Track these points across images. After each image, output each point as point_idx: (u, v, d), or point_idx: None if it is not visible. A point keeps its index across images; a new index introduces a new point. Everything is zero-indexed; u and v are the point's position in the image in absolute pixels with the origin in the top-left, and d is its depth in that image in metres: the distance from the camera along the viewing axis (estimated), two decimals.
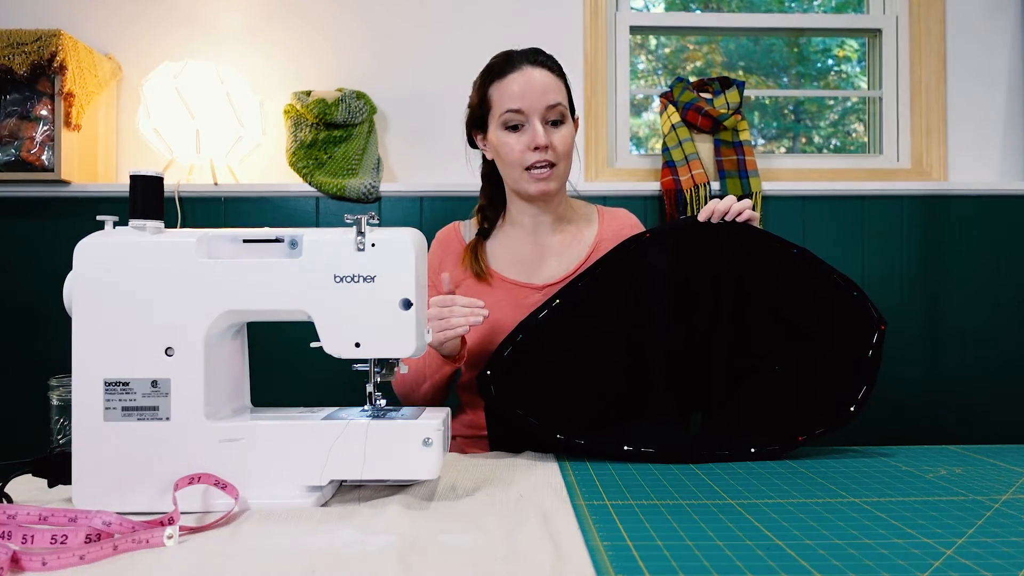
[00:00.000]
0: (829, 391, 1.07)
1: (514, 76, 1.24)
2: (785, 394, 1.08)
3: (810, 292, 1.10)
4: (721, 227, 1.12)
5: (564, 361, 1.09)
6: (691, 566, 0.62)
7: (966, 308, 2.11)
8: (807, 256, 1.10)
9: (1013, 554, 0.65)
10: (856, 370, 1.07)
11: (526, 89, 1.23)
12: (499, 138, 1.26)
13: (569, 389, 1.08)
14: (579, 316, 1.10)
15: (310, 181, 2.01)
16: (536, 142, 1.23)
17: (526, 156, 1.24)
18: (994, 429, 2.09)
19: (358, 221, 0.82)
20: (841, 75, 2.52)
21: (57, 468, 0.83)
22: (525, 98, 1.23)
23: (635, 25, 2.27)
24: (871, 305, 1.08)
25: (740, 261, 1.11)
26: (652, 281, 1.11)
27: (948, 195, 2.11)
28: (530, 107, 1.23)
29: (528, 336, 1.08)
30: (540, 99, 1.23)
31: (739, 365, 1.11)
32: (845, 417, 1.05)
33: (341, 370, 0.95)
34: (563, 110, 1.27)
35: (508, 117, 1.24)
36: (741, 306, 1.11)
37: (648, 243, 1.12)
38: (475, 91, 1.32)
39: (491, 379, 1.05)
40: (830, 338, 1.09)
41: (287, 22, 2.17)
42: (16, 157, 1.93)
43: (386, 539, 0.70)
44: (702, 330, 1.12)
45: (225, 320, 0.83)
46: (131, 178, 0.83)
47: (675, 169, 2.05)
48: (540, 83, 1.24)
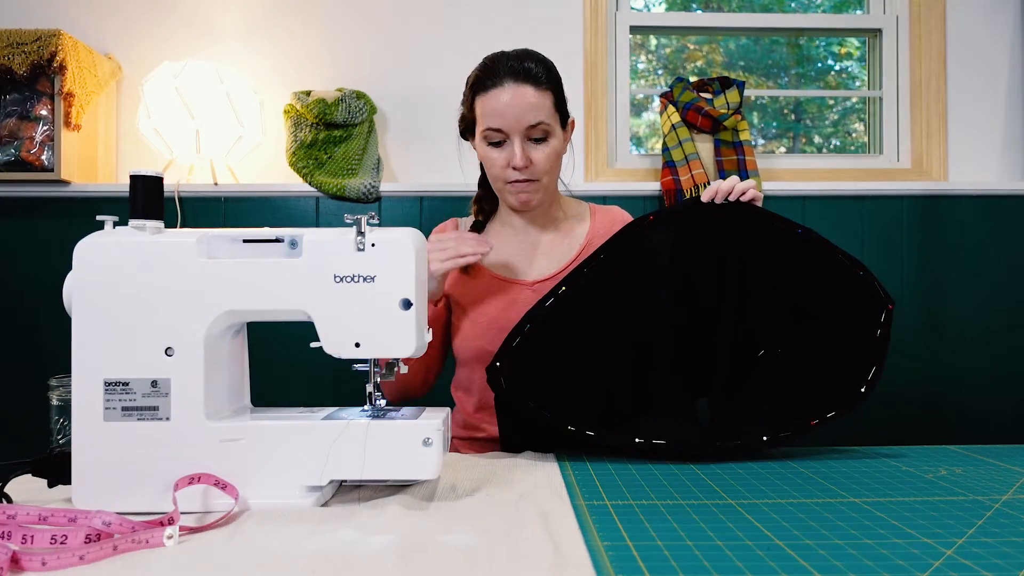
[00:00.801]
0: (839, 372, 1.05)
1: (495, 92, 1.20)
2: (795, 377, 1.07)
3: (816, 272, 1.08)
4: (725, 207, 1.09)
5: (572, 350, 1.08)
6: (691, 566, 0.62)
7: (966, 308, 2.11)
8: (812, 236, 1.08)
9: (1013, 554, 0.65)
10: (865, 350, 1.05)
11: (507, 108, 1.20)
12: (482, 150, 1.26)
13: (578, 379, 1.07)
14: (585, 303, 1.09)
15: (310, 181, 2.01)
16: (514, 163, 1.21)
17: (507, 172, 1.24)
18: (994, 429, 2.09)
19: (358, 221, 0.82)
20: (843, 74, 2.52)
21: (57, 468, 0.82)
22: (505, 117, 1.20)
23: (635, 25, 2.27)
24: (878, 284, 1.06)
25: (745, 242, 1.09)
26: (657, 264, 1.10)
27: (948, 195, 2.11)
28: (510, 127, 1.20)
29: (536, 326, 1.06)
30: (521, 119, 1.20)
31: (746, 348, 1.10)
32: (856, 399, 1.03)
33: (341, 370, 0.95)
34: (546, 127, 1.23)
35: (489, 134, 1.22)
36: (747, 287, 1.09)
37: (651, 225, 1.10)
38: (464, 98, 1.30)
39: (501, 371, 1.03)
40: (838, 319, 1.07)
41: (287, 22, 2.17)
42: (16, 157, 1.93)
43: (386, 539, 0.70)
44: (708, 313, 1.10)
45: (225, 320, 0.83)
46: (131, 178, 0.83)
47: (675, 169, 2.05)
48: (522, 102, 1.20)
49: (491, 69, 1.23)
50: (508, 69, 1.21)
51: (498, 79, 1.21)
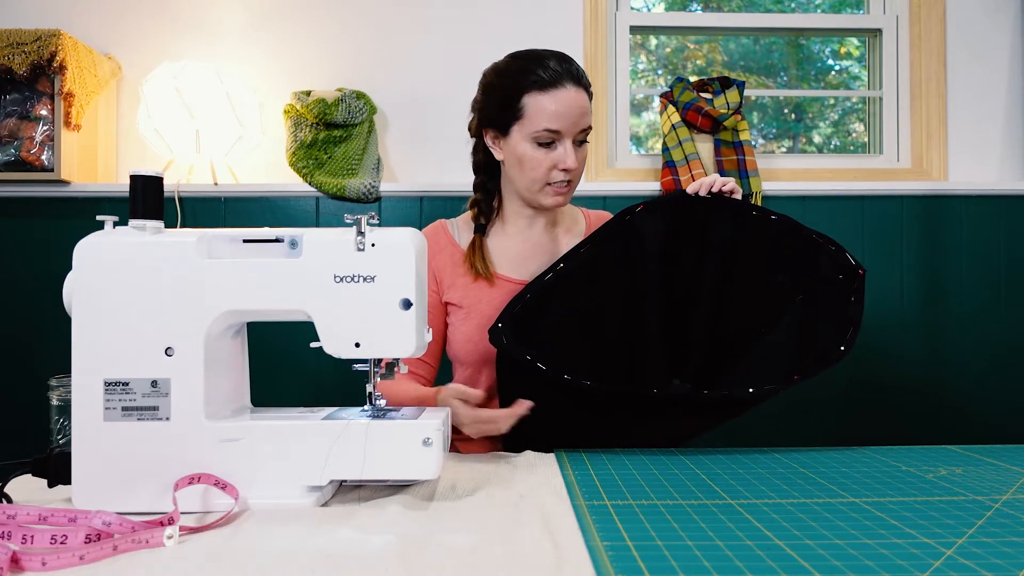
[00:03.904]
0: (822, 337, 1.14)
1: (557, 94, 1.20)
2: (780, 347, 1.16)
3: (793, 250, 1.18)
4: (710, 198, 1.20)
5: (568, 319, 1.18)
6: (691, 566, 0.62)
7: (965, 308, 2.11)
8: (786, 220, 1.19)
9: (1013, 554, 0.65)
10: (844, 314, 1.14)
11: (567, 111, 1.20)
12: (525, 150, 1.23)
13: (573, 343, 1.17)
14: (583, 278, 1.19)
15: (310, 181, 2.01)
16: (566, 165, 1.22)
17: (552, 174, 1.24)
18: (994, 429, 2.09)
19: (358, 221, 0.82)
20: (843, 74, 2.52)
21: (57, 468, 0.82)
22: (565, 119, 1.20)
23: (635, 25, 2.27)
24: (849, 256, 1.15)
25: (726, 228, 1.20)
26: (646, 247, 1.20)
27: (948, 195, 2.11)
28: (567, 129, 1.21)
29: (535, 295, 1.16)
30: (578, 122, 1.22)
31: (733, 323, 1.19)
32: (836, 356, 1.11)
33: (341, 370, 0.95)
34: (590, 131, 1.26)
35: (543, 135, 1.21)
36: (729, 269, 1.19)
37: (642, 213, 1.21)
38: (500, 90, 1.25)
39: (502, 330, 1.11)
40: (820, 289, 1.16)
41: (287, 22, 2.17)
42: (16, 157, 1.93)
43: (386, 539, 0.70)
44: (691, 291, 1.20)
45: (225, 320, 0.83)
46: (131, 178, 0.83)
47: (675, 169, 2.05)
48: (579, 106, 1.21)
49: (546, 67, 1.21)
50: (566, 71, 1.21)
51: (560, 80, 1.20)
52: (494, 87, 1.26)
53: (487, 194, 1.35)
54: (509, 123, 1.24)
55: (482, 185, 1.35)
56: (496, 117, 1.26)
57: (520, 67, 1.23)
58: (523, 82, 1.21)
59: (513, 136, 1.24)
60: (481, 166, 1.36)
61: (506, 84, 1.24)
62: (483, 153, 1.34)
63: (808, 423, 2.04)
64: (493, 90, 1.26)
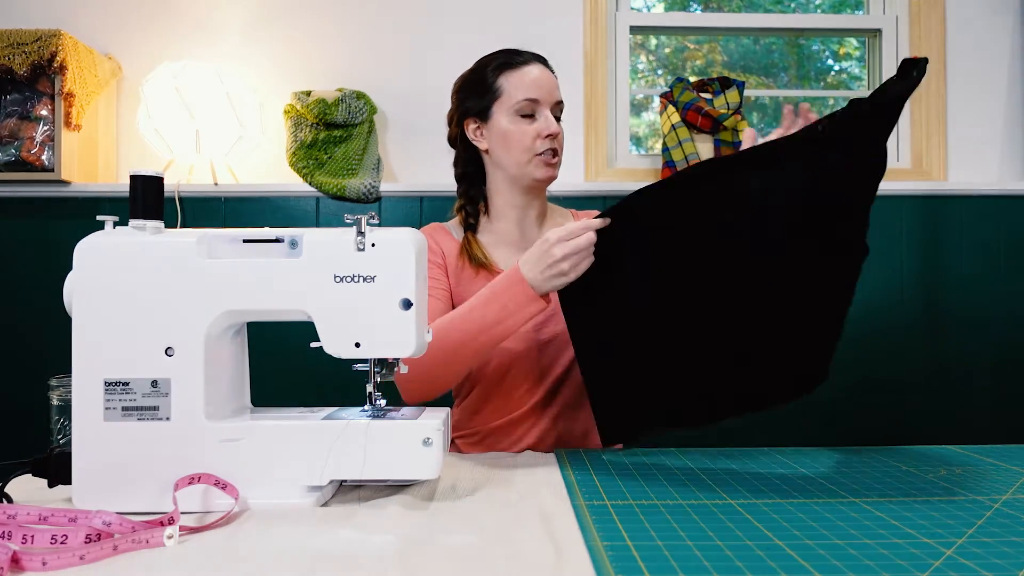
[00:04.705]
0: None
1: (528, 69, 1.30)
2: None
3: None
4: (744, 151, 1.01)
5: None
6: (691, 566, 0.62)
7: (966, 308, 2.11)
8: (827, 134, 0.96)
9: (1013, 554, 0.65)
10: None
11: (541, 80, 1.29)
12: (510, 125, 1.29)
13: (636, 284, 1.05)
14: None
15: (310, 181, 2.01)
16: (550, 130, 1.28)
17: (538, 143, 1.28)
18: (994, 429, 2.09)
19: (358, 221, 0.82)
20: (842, 74, 2.52)
21: (57, 468, 0.83)
22: (541, 88, 1.29)
23: (635, 25, 2.27)
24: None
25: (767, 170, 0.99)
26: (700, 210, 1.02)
27: (948, 195, 2.11)
28: (544, 98, 1.29)
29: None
30: (552, 93, 1.30)
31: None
32: None
33: (341, 370, 0.95)
34: (563, 109, 1.34)
35: (524, 105, 1.28)
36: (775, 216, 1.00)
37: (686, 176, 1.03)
38: (475, 82, 1.32)
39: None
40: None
41: (287, 22, 2.17)
42: (16, 157, 1.93)
43: (386, 539, 0.70)
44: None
45: (225, 320, 0.83)
46: (131, 178, 0.83)
47: (675, 169, 2.05)
48: (550, 80, 1.31)
49: (513, 52, 1.32)
50: (532, 55, 1.32)
51: (528, 60, 1.31)
52: (468, 82, 1.35)
53: (471, 200, 1.37)
54: (489, 105, 1.31)
55: (465, 192, 1.37)
56: (475, 105, 1.32)
57: (489, 58, 1.33)
58: (496, 66, 1.31)
59: (495, 116, 1.30)
60: (464, 176, 1.38)
61: (480, 74, 1.33)
62: (464, 164, 1.37)
63: (808, 423, 2.04)
64: (468, 85, 1.34)
